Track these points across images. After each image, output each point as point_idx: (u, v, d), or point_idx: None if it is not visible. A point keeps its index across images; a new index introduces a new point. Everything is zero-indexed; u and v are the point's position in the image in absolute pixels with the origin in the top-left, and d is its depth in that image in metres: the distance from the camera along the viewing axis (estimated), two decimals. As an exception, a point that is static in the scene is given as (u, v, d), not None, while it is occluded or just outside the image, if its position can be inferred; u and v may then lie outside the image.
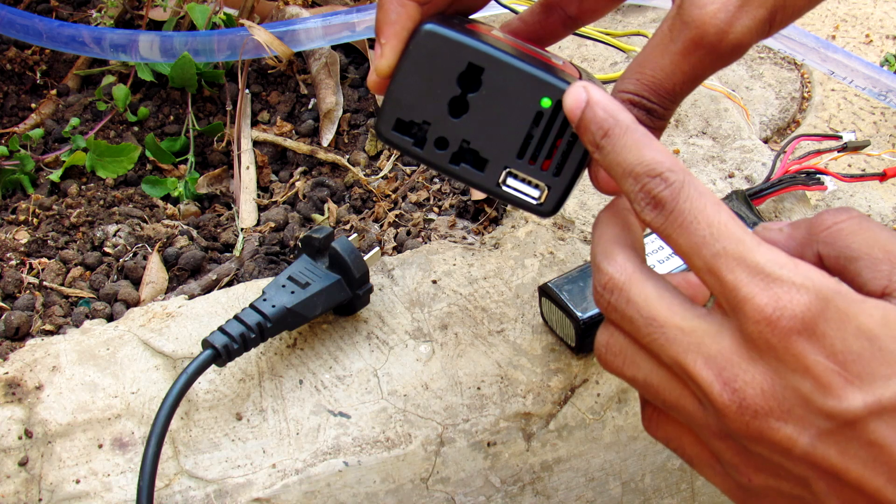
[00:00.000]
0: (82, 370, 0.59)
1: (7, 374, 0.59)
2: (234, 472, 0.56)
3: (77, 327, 0.65)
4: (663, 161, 0.40)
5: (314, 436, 0.57)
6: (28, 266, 0.70)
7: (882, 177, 0.74)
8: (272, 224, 0.74)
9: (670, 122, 0.62)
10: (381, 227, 0.74)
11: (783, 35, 0.86)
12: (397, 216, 0.74)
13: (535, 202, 0.47)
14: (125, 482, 0.55)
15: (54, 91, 0.88)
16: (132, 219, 0.75)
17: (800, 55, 0.87)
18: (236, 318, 0.57)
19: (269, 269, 0.70)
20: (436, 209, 0.75)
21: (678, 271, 0.61)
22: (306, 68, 0.88)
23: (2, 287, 0.68)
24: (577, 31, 0.70)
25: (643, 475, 0.62)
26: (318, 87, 0.85)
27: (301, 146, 0.81)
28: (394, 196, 0.76)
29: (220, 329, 0.56)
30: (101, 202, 0.77)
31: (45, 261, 0.71)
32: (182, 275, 0.70)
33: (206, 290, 0.68)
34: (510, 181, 0.47)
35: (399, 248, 0.71)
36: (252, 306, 0.58)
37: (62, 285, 0.69)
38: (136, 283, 0.70)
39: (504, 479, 0.59)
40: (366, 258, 0.62)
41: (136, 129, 0.84)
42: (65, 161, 0.79)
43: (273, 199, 0.78)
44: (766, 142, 0.89)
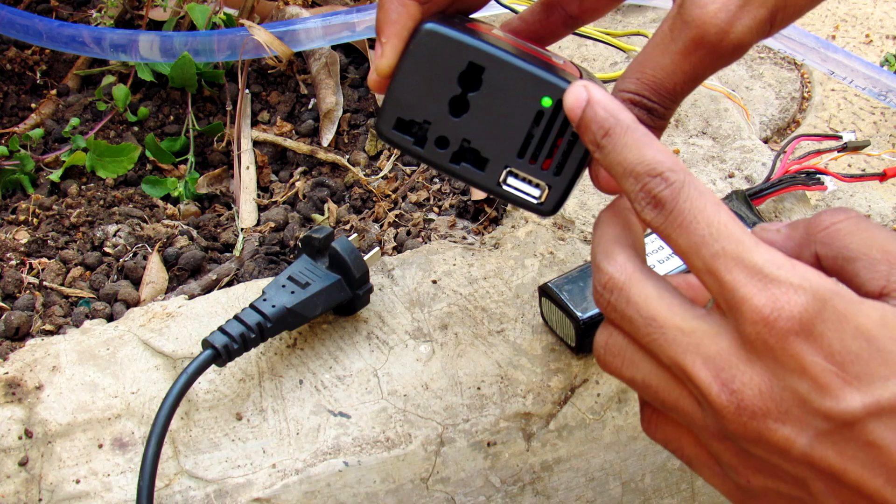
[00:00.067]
0: (82, 370, 0.59)
1: (7, 374, 0.59)
2: (234, 472, 0.56)
3: (77, 327, 0.65)
4: (664, 161, 0.40)
5: (314, 436, 0.57)
6: (28, 266, 0.70)
7: (882, 177, 0.74)
8: (272, 224, 0.74)
9: (670, 122, 0.62)
10: (381, 227, 0.74)
11: (783, 35, 0.86)
12: (397, 216, 0.74)
13: (535, 201, 0.47)
14: (125, 482, 0.55)
15: (54, 91, 0.88)
16: (132, 219, 0.75)
17: (800, 55, 0.87)
18: (236, 318, 0.57)
19: (269, 269, 0.70)
20: (436, 209, 0.75)
21: (678, 272, 0.61)
22: (306, 68, 0.88)
23: (2, 287, 0.68)
24: (577, 30, 0.70)
25: (643, 475, 0.62)
26: (318, 87, 0.85)
27: (301, 146, 0.81)
28: (394, 196, 0.76)
29: (220, 329, 0.57)
30: (101, 202, 0.77)
31: (45, 261, 0.71)
32: (182, 275, 0.70)
33: (206, 290, 0.68)
34: (511, 180, 0.47)
35: (399, 248, 0.71)
36: (252, 306, 0.58)
37: (62, 285, 0.69)
38: (136, 283, 0.70)
39: (504, 479, 0.59)
40: (366, 258, 0.62)
41: (136, 129, 0.84)
42: (65, 161, 0.79)
43: (273, 199, 0.78)
44: (766, 142, 0.89)
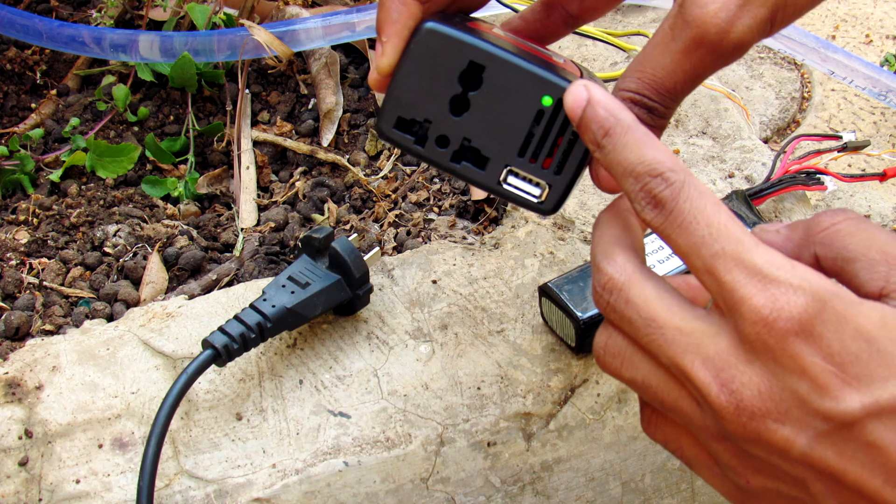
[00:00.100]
0: (82, 370, 0.59)
1: (7, 374, 0.59)
2: (234, 472, 0.56)
3: (77, 327, 0.65)
4: (664, 161, 0.40)
5: (314, 436, 0.57)
6: (28, 266, 0.70)
7: (882, 177, 0.74)
8: (272, 224, 0.74)
9: (670, 122, 0.62)
10: (381, 227, 0.74)
11: (783, 35, 0.86)
12: (397, 216, 0.74)
13: (536, 200, 0.47)
14: (125, 482, 0.55)
15: (54, 91, 0.88)
16: (132, 219, 0.75)
17: (800, 55, 0.87)
18: (236, 318, 0.57)
19: (269, 269, 0.70)
20: (436, 209, 0.75)
21: (678, 272, 0.61)
22: (306, 68, 0.88)
23: (2, 287, 0.68)
24: (578, 30, 0.70)
25: (643, 475, 0.62)
26: (318, 87, 0.85)
27: (301, 146, 0.81)
28: (394, 196, 0.76)
29: (220, 329, 0.57)
30: (101, 202, 0.77)
31: (45, 261, 0.71)
32: (182, 275, 0.70)
33: (206, 290, 0.68)
34: (511, 179, 0.47)
35: (399, 248, 0.71)
36: (252, 306, 0.58)
37: (62, 285, 0.69)
38: (136, 283, 0.70)
39: (504, 479, 0.59)
40: (366, 258, 0.62)
41: (136, 129, 0.84)
42: (65, 161, 0.79)
43: (273, 199, 0.78)
44: (766, 142, 0.89)
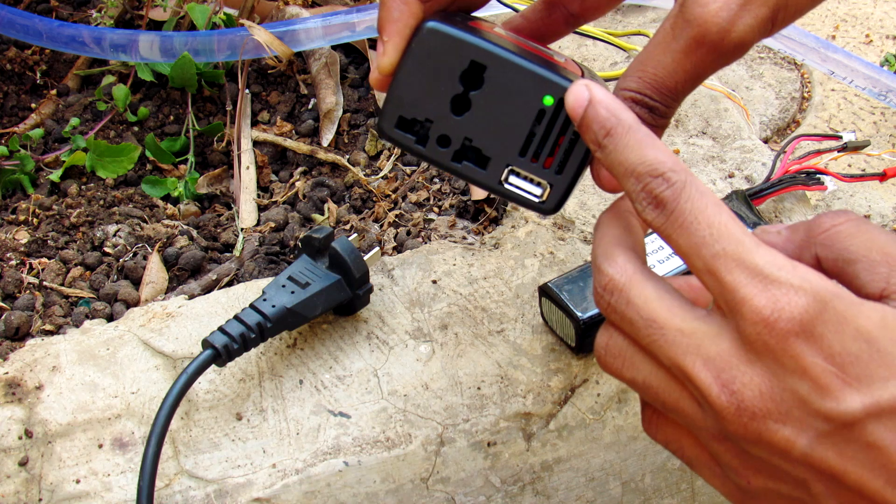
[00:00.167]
0: (82, 370, 0.59)
1: (7, 374, 0.59)
2: (235, 472, 0.56)
3: (77, 327, 0.65)
4: (665, 161, 0.40)
5: (314, 436, 0.57)
6: (28, 266, 0.70)
7: (882, 177, 0.74)
8: (272, 224, 0.74)
9: (670, 122, 0.62)
10: (381, 227, 0.74)
11: (783, 35, 0.86)
12: (397, 216, 0.74)
13: (537, 200, 0.47)
14: (125, 482, 0.55)
15: (54, 91, 0.88)
16: (132, 219, 0.75)
17: (800, 55, 0.87)
18: (236, 318, 0.57)
19: (269, 269, 0.70)
20: (436, 209, 0.75)
21: (678, 272, 0.61)
22: (306, 68, 0.88)
23: (2, 287, 0.68)
24: (578, 29, 0.70)
25: (643, 475, 0.62)
26: (318, 87, 0.85)
27: (301, 146, 0.81)
28: (394, 196, 0.76)
29: (220, 329, 0.57)
30: (101, 202, 0.77)
31: (45, 261, 0.71)
32: (182, 275, 0.70)
33: (206, 290, 0.68)
34: (512, 179, 0.47)
35: (399, 248, 0.71)
36: (252, 306, 0.58)
37: (62, 285, 0.69)
38: (136, 283, 0.70)
39: (504, 479, 0.59)
40: (366, 258, 0.62)
41: (136, 129, 0.84)
42: (65, 161, 0.79)
43: (273, 199, 0.78)
44: (766, 142, 0.89)
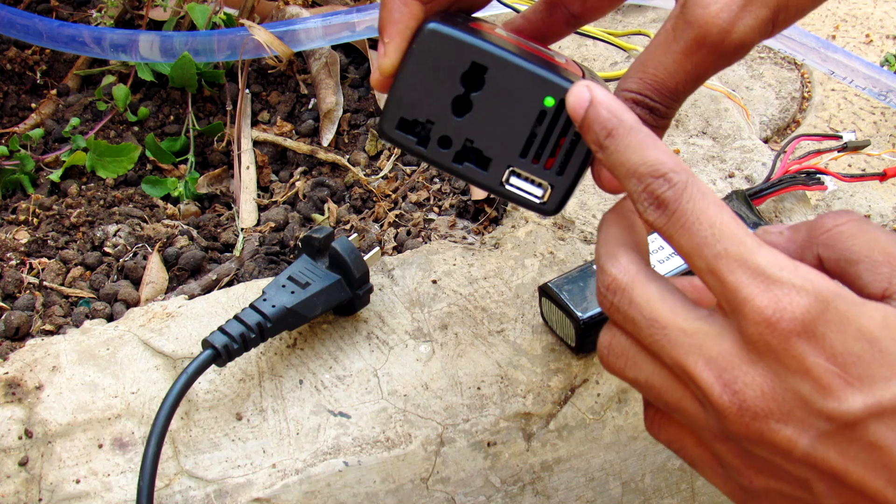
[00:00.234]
0: (82, 370, 0.59)
1: (7, 374, 0.59)
2: (234, 472, 0.56)
3: (77, 327, 0.65)
4: (667, 161, 0.40)
5: (314, 436, 0.57)
6: (28, 266, 0.70)
7: (882, 177, 0.74)
8: (272, 224, 0.74)
9: (671, 123, 0.62)
10: (381, 227, 0.74)
11: (783, 35, 0.86)
12: (397, 216, 0.74)
13: (538, 201, 0.47)
14: (125, 482, 0.55)
15: (54, 91, 0.87)
16: (132, 219, 0.74)
17: (800, 55, 0.87)
18: (236, 318, 0.57)
19: (269, 269, 0.69)
20: (436, 209, 0.75)
21: (678, 272, 0.61)
22: (306, 68, 0.88)
23: (2, 287, 0.68)
24: (578, 30, 0.70)
25: (643, 475, 0.62)
26: (318, 87, 0.85)
27: (301, 146, 0.81)
28: (394, 196, 0.76)
29: (220, 329, 0.56)
30: (101, 202, 0.77)
31: (45, 261, 0.71)
32: (182, 275, 0.70)
33: (206, 290, 0.68)
34: (513, 180, 0.47)
35: (399, 248, 0.71)
36: (252, 306, 0.58)
37: (62, 285, 0.69)
38: (136, 283, 0.70)
39: (504, 479, 0.59)
40: (366, 258, 0.62)
41: (136, 129, 0.84)
42: (65, 161, 0.79)
43: (273, 199, 0.78)
44: (766, 142, 0.89)
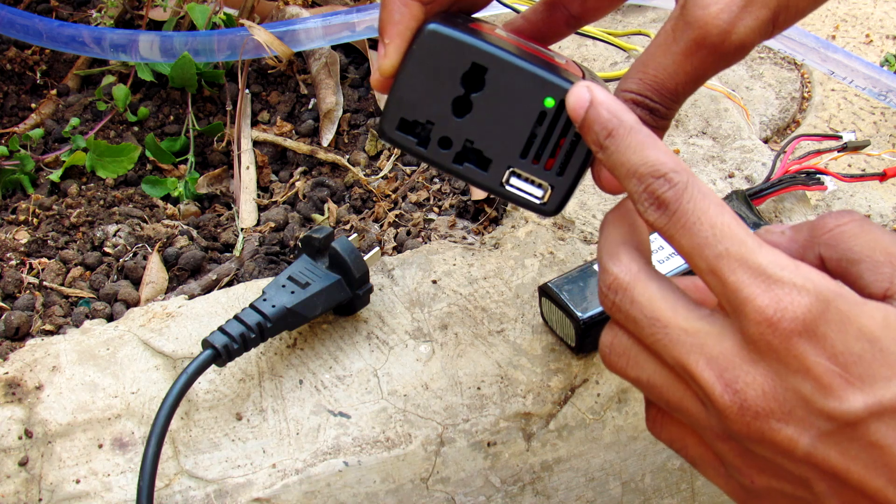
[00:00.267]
0: (82, 370, 0.59)
1: (7, 374, 0.59)
2: (234, 472, 0.56)
3: (77, 327, 0.65)
4: (667, 162, 0.40)
5: (314, 436, 0.57)
6: (28, 266, 0.70)
7: (882, 177, 0.74)
8: (272, 224, 0.74)
9: (671, 123, 0.62)
10: (381, 227, 0.74)
11: (783, 35, 0.86)
12: (397, 216, 0.74)
13: (538, 202, 0.47)
14: (125, 482, 0.55)
15: (54, 91, 0.87)
16: (132, 219, 0.74)
17: (800, 55, 0.87)
18: (236, 318, 0.57)
19: (269, 269, 0.69)
20: (436, 209, 0.75)
21: (678, 272, 0.61)
22: (306, 68, 0.88)
23: (2, 287, 0.68)
24: (578, 30, 0.70)
25: (643, 475, 0.62)
26: (318, 87, 0.85)
27: (301, 146, 0.81)
28: (394, 196, 0.76)
29: (220, 329, 0.56)
30: (101, 202, 0.77)
31: (45, 261, 0.71)
32: (182, 275, 0.70)
33: (206, 290, 0.68)
34: (514, 181, 0.47)
35: (399, 248, 0.71)
36: (252, 306, 0.58)
37: (62, 285, 0.69)
38: (136, 283, 0.70)
39: (504, 479, 0.59)
40: (366, 258, 0.62)
41: (136, 129, 0.84)
42: (65, 161, 0.79)
43: (273, 199, 0.78)
44: (766, 142, 0.89)
